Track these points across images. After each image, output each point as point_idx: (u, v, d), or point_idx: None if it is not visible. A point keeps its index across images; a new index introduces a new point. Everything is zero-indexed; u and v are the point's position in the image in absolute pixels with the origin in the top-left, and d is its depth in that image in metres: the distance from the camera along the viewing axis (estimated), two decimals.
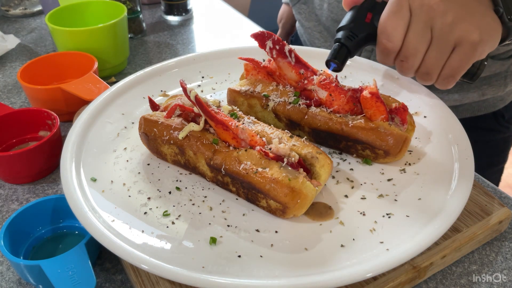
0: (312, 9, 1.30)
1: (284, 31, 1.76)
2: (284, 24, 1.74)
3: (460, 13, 0.74)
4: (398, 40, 0.76)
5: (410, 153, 0.85)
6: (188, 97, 0.75)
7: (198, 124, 0.78)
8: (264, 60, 0.92)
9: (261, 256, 0.67)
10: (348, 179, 0.81)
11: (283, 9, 1.73)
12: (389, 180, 0.80)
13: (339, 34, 0.82)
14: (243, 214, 0.75)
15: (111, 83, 1.15)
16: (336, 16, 1.21)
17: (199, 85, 1.06)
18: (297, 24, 1.47)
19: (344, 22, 0.83)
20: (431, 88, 0.98)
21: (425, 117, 0.91)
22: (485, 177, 0.93)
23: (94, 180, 0.79)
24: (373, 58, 1.19)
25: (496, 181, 1.38)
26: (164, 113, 0.82)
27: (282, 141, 0.77)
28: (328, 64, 0.82)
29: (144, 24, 1.53)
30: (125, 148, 0.87)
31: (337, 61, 0.80)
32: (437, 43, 0.75)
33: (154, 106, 0.86)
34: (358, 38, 0.80)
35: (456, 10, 0.74)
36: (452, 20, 0.73)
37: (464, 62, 0.76)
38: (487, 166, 1.32)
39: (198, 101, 0.74)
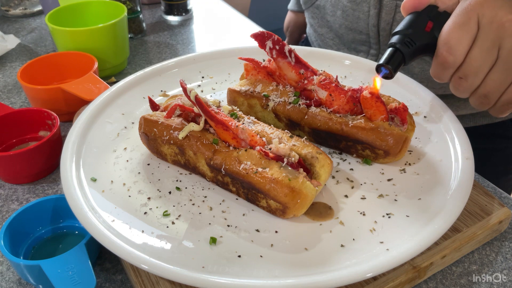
0: (324, 14, 1.25)
1: (292, 39, 1.72)
2: (292, 33, 1.69)
3: None
4: (460, 55, 0.71)
5: (410, 153, 0.85)
6: (188, 97, 0.75)
7: (198, 124, 0.78)
8: (264, 60, 0.92)
9: (261, 256, 0.67)
10: (348, 179, 0.81)
11: (289, 16, 1.69)
12: (389, 180, 0.80)
13: (394, 39, 0.76)
14: (243, 214, 0.75)
15: (111, 83, 1.15)
16: (351, 25, 1.15)
17: (199, 85, 1.06)
18: (308, 29, 1.41)
19: (401, 26, 0.76)
20: (440, 95, 0.97)
21: (425, 117, 0.91)
22: (500, 184, 0.91)
23: (94, 180, 0.79)
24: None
25: (511, 188, 1.33)
26: (164, 113, 0.82)
27: (282, 141, 0.77)
28: (378, 69, 0.76)
29: (144, 24, 1.53)
30: (125, 148, 0.87)
31: (389, 67, 0.74)
32: (503, 64, 0.70)
33: (154, 106, 0.86)
34: (415, 46, 0.74)
35: None
36: None
37: None
38: (503, 174, 1.29)
39: (198, 101, 0.74)
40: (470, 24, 0.70)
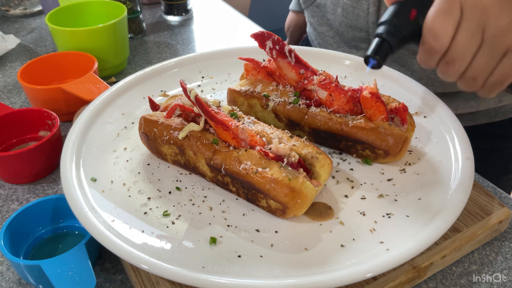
0: (324, 13, 1.25)
1: (292, 39, 1.72)
2: (292, 32, 1.70)
3: None
4: (446, 40, 0.71)
5: (410, 153, 0.85)
6: (188, 97, 0.75)
7: (198, 124, 0.78)
8: (264, 60, 0.92)
9: (261, 256, 0.67)
10: (348, 179, 0.81)
11: (290, 16, 1.69)
12: (389, 180, 0.80)
13: (380, 29, 0.76)
14: (243, 214, 0.75)
15: (111, 83, 1.15)
16: (351, 22, 1.16)
17: (199, 85, 1.06)
18: (308, 29, 1.42)
19: (386, 16, 0.77)
20: (439, 93, 0.97)
21: (425, 117, 0.91)
22: (500, 184, 0.91)
23: (94, 180, 0.79)
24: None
25: (511, 187, 1.33)
26: (164, 113, 0.82)
27: (282, 141, 0.77)
28: (366, 60, 0.76)
29: (144, 24, 1.53)
30: (125, 148, 0.87)
31: (378, 57, 0.74)
32: (488, 47, 0.71)
33: (154, 106, 0.86)
34: (401, 35, 0.75)
35: None
36: (506, 24, 0.68)
37: None
38: (503, 173, 1.29)
39: (198, 101, 0.74)
40: (454, 10, 0.71)
